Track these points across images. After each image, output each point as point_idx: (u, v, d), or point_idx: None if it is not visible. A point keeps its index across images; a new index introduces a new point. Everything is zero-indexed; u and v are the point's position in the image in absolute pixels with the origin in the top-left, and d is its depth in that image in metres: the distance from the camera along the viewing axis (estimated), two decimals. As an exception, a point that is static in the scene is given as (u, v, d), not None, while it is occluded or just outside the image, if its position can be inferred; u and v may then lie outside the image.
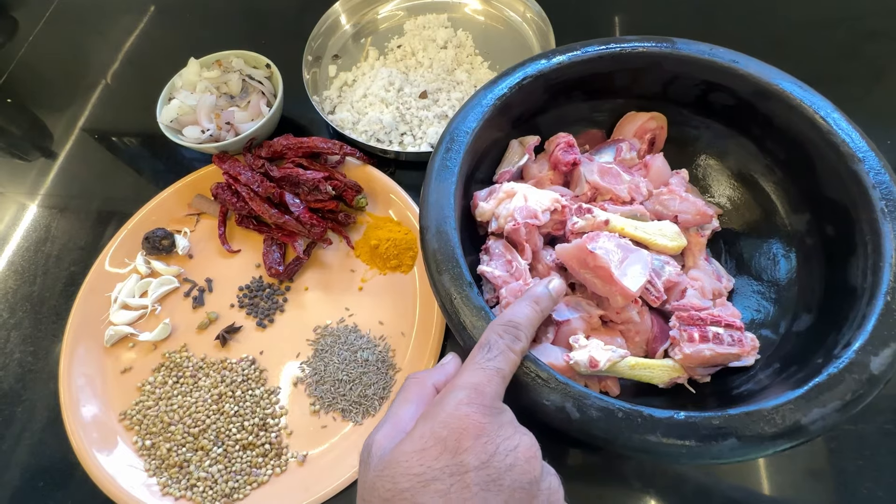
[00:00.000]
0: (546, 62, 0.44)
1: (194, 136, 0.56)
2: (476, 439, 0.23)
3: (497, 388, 0.25)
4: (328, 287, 0.52)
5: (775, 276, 0.43)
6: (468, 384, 0.25)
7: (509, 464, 0.22)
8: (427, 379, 0.29)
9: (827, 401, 0.30)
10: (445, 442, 0.23)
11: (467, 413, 0.23)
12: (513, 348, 0.28)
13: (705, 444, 0.29)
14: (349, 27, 0.68)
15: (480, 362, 0.27)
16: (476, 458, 0.22)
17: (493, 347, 0.27)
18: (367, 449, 0.26)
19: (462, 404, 0.24)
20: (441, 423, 0.23)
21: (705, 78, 0.44)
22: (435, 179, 0.40)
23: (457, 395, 0.24)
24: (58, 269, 0.57)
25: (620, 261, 0.38)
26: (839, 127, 0.38)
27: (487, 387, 0.25)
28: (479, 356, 0.27)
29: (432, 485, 0.22)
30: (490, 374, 0.26)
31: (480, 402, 0.24)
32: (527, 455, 0.23)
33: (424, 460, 0.22)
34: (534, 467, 0.23)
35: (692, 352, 0.36)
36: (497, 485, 0.22)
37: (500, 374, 0.26)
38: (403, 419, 0.26)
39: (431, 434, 0.23)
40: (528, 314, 0.30)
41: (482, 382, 0.25)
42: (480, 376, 0.26)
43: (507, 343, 0.28)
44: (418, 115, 0.58)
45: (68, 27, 0.79)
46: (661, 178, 0.46)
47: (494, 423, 0.23)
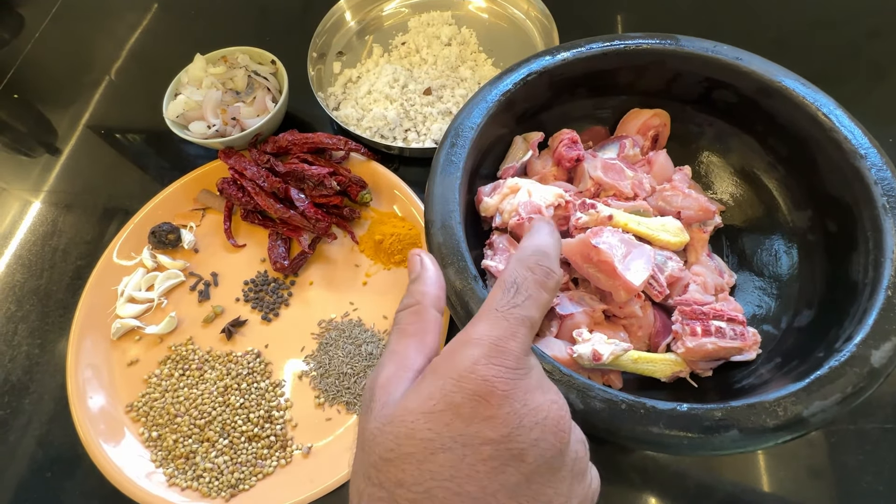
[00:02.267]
0: (550, 59, 0.44)
1: (200, 131, 0.56)
2: (498, 408, 0.19)
3: (523, 342, 0.21)
4: (333, 281, 0.53)
5: (777, 271, 0.43)
6: (487, 338, 0.20)
7: (534, 438, 0.19)
8: (425, 300, 0.25)
9: (828, 393, 0.30)
10: (459, 408, 0.19)
11: (486, 376, 0.19)
12: (546, 284, 0.22)
13: (707, 435, 0.29)
14: (354, 24, 0.68)
15: (503, 308, 0.21)
16: (495, 431, 0.19)
17: (522, 288, 0.22)
18: (369, 391, 0.22)
19: (480, 364, 0.20)
20: (454, 385, 0.19)
21: (708, 75, 0.44)
22: (440, 174, 0.40)
23: (472, 352, 0.20)
24: (64, 264, 0.57)
25: (624, 256, 0.38)
26: (841, 124, 0.38)
27: (512, 341, 0.20)
28: (502, 298, 0.22)
29: (441, 454, 0.19)
30: (515, 325, 0.21)
31: (502, 363, 0.20)
32: (556, 427, 0.20)
33: (433, 425, 0.19)
34: (561, 439, 0.20)
35: (695, 346, 0.36)
36: (518, 461, 0.19)
37: (527, 324, 0.21)
38: (409, 357, 0.23)
39: (442, 395, 0.19)
40: (552, 242, 0.24)
41: (504, 336, 0.20)
42: (503, 328, 0.21)
43: (539, 278, 0.22)
44: (422, 112, 0.59)
45: (73, 24, 0.79)
46: (664, 174, 0.46)
47: (520, 389, 0.20)
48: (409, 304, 0.25)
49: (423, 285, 0.25)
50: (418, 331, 0.24)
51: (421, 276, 0.26)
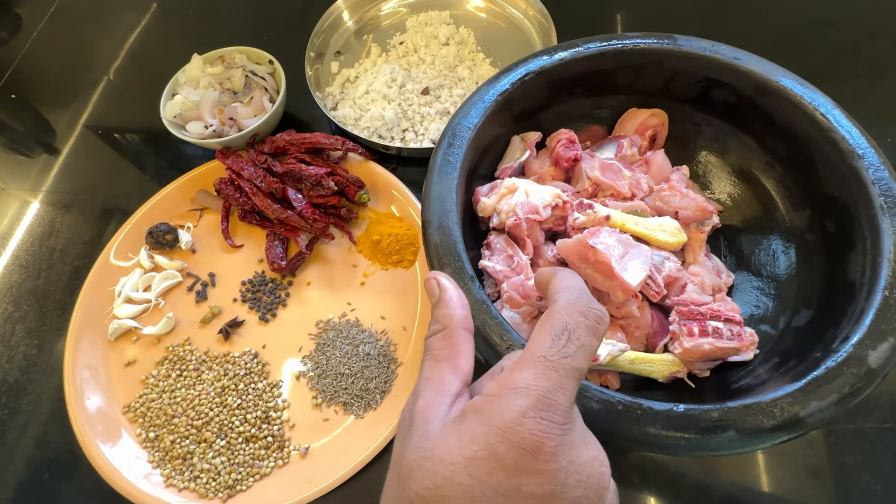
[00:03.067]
0: (548, 58, 0.44)
1: (197, 131, 0.56)
2: (544, 464, 0.18)
3: (571, 395, 0.20)
4: (330, 282, 0.52)
5: (775, 271, 0.43)
6: (536, 390, 0.19)
7: (577, 496, 0.19)
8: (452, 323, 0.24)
9: (825, 394, 0.30)
10: (502, 459, 0.18)
11: (533, 431, 0.18)
12: (598, 331, 0.21)
13: (704, 436, 0.29)
14: (351, 24, 0.68)
15: (553, 357, 0.20)
16: (540, 487, 0.18)
17: (574, 336, 0.20)
18: (408, 417, 0.22)
19: (527, 417, 0.19)
20: (499, 434, 0.19)
21: (707, 75, 0.44)
22: (437, 174, 0.40)
23: (520, 403, 0.19)
24: (62, 264, 0.57)
25: (621, 256, 0.38)
26: (839, 124, 0.38)
27: (560, 394, 0.19)
28: (553, 346, 0.20)
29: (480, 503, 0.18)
30: (564, 377, 0.20)
31: (551, 418, 0.19)
32: (598, 485, 0.19)
33: (475, 471, 0.19)
34: (602, 496, 0.20)
35: (692, 346, 0.36)
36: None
37: (576, 376, 0.20)
38: (444, 381, 0.22)
39: (486, 443, 0.19)
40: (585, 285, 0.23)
41: (554, 389, 0.19)
42: (552, 379, 0.19)
43: (591, 325, 0.21)
44: (420, 112, 0.59)
45: (71, 23, 0.79)
46: (661, 174, 0.46)
47: (566, 445, 0.19)
48: (436, 330, 0.25)
49: (447, 308, 0.25)
50: (450, 355, 0.24)
51: (442, 299, 0.26)
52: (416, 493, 0.19)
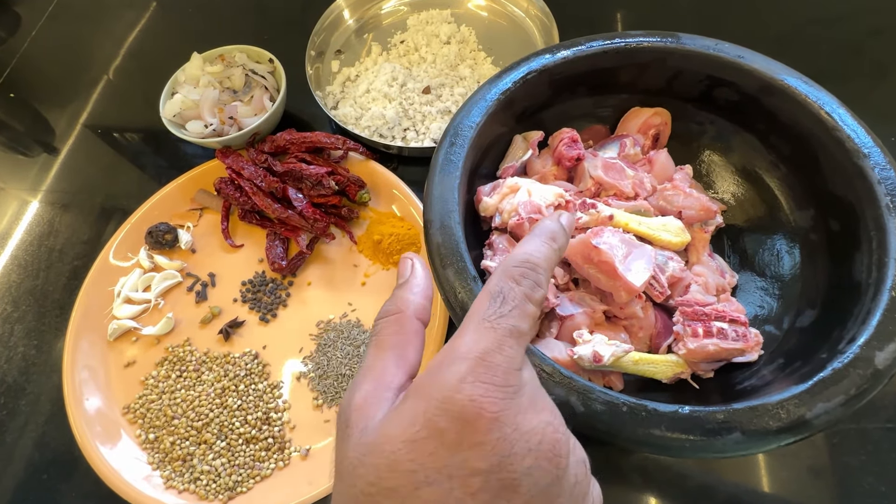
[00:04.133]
0: (550, 57, 0.44)
1: (197, 130, 0.56)
2: (486, 434, 0.17)
3: (512, 355, 0.19)
4: (331, 282, 0.52)
5: (779, 271, 0.43)
6: (473, 352, 0.18)
7: (527, 466, 0.17)
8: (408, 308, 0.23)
9: (831, 395, 0.30)
10: (444, 435, 0.17)
11: (472, 397, 0.17)
12: (532, 297, 0.21)
13: (709, 438, 0.29)
14: (352, 22, 0.68)
15: (490, 318, 0.19)
16: (484, 460, 0.17)
17: (508, 297, 0.20)
18: (344, 416, 0.20)
19: (466, 382, 0.18)
20: (438, 407, 0.18)
21: (710, 73, 0.43)
22: (439, 174, 0.40)
23: (457, 368, 0.18)
24: (61, 264, 0.57)
25: (624, 256, 0.38)
26: (844, 122, 0.38)
27: (499, 355, 0.18)
28: (488, 308, 0.20)
29: (426, 488, 0.17)
30: (502, 336, 0.19)
31: (490, 381, 0.18)
32: (552, 452, 0.18)
33: (416, 455, 0.17)
34: (558, 465, 0.18)
35: (696, 347, 0.36)
36: (511, 492, 0.17)
37: (515, 335, 0.19)
38: (387, 373, 0.21)
39: (425, 420, 0.18)
40: (545, 253, 0.22)
41: (491, 349, 0.18)
42: (490, 339, 0.19)
43: (526, 290, 0.21)
44: (421, 111, 0.58)
45: (71, 22, 0.79)
46: (665, 173, 0.46)
47: (510, 411, 0.18)
48: (390, 312, 0.23)
49: (409, 292, 0.23)
50: (398, 343, 0.22)
51: (409, 282, 0.24)
52: (362, 490, 0.18)
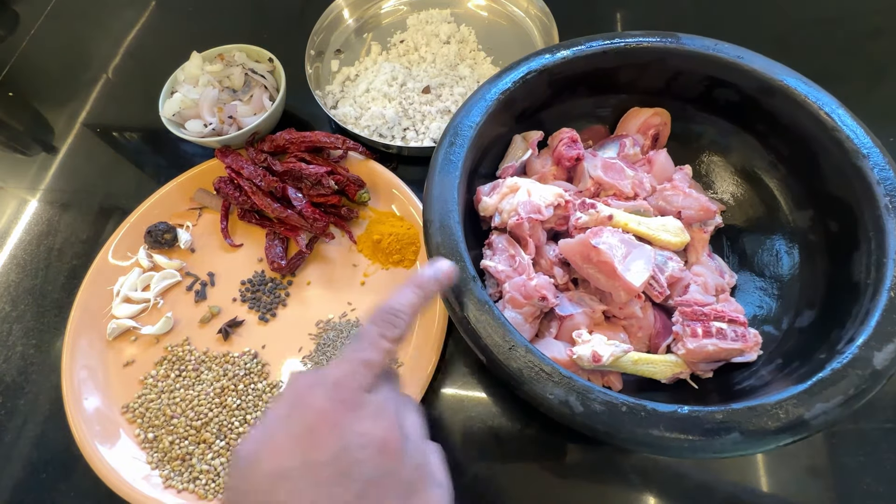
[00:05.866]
0: (550, 57, 0.44)
1: (197, 129, 0.56)
2: (328, 434, 0.22)
3: (361, 381, 0.25)
4: (330, 281, 0.52)
5: (778, 272, 0.43)
6: (330, 378, 0.24)
7: (359, 458, 0.22)
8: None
9: (830, 396, 0.30)
10: (299, 439, 0.22)
11: (322, 408, 0.23)
12: (385, 335, 0.26)
13: (708, 438, 0.29)
14: (352, 21, 0.68)
15: (348, 354, 0.26)
16: (326, 454, 0.22)
17: (364, 338, 0.26)
18: (236, 455, 0.24)
19: (319, 399, 0.23)
20: (297, 421, 0.23)
21: (710, 74, 0.44)
22: (439, 174, 0.40)
23: (317, 392, 0.24)
24: (60, 263, 0.57)
25: (624, 256, 0.38)
26: (844, 123, 0.38)
27: (350, 380, 0.24)
28: (350, 347, 0.26)
29: (285, 484, 0.22)
30: (355, 367, 0.25)
31: (338, 397, 0.23)
32: (381, 448, 0.23)
33: (279, 459, 0.22)
34: (388, 460, 0.23)
35: (695, 347, 0.36)
36: (346, 478, 0.22)
37: (366, 366, 0.25)
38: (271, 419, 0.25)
39: (287, 432, 0.23)
40: (409, 299, 0.28)
41: (344, 376, 0.24)
42: (344, 369, 0.25)
43: (380, 331, 0.27)
44: (421, 111, 0.58)
45: (70, 21, 0.78)
46: (664, 173, 0.46)
47: (350, 417, 0.23)
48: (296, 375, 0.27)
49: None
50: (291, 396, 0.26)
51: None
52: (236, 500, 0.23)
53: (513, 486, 0.43)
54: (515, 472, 0.43)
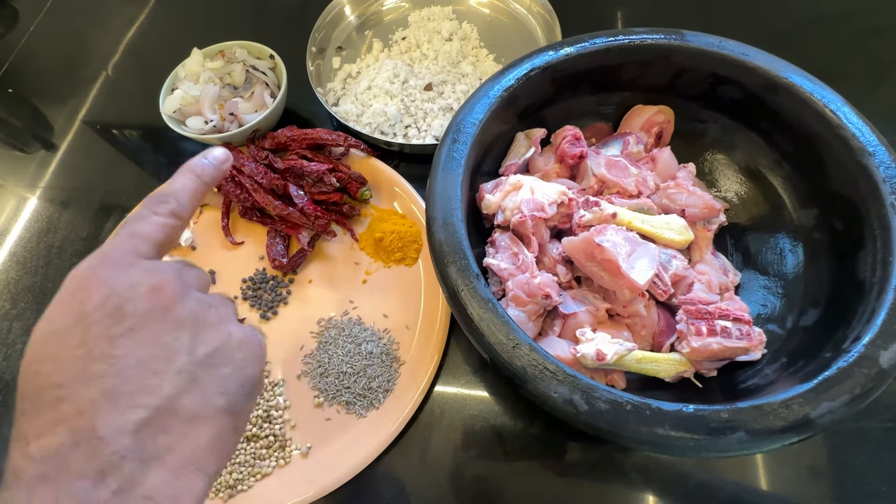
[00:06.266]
0: (554, 53, 0.44)
1: (198, 126, 0.55)
2: (94, 290, 0.22)
3: (128, 246, 0.24)
4: (332, 279, 0.52)
5: (782, 270, 0.42)
6: (99, 251, 0.24)
7: (128, 297, 0.22)
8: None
9: (836, 395, 0.30)
10: (67, 304, 0.22)
11: (86, 273, 0.23)
12: (156, 211, 0.26)
13: (713, 437, 0.29)
14: (353, 18, 0.67)
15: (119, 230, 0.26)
16: (91, 304, 0.22)
17: (135, 216, 0.26)
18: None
19: (91, 265, 0.23)
20: (65, 290, 0.23)
21: (714, 71, 0.43)
22: (441, 171, 0.39)
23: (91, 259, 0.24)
24: (60, 261, 0.57)
25: (628, 254, 0.37)
26: (849, 121, 0.38)
27: (117, 246, 0.24)
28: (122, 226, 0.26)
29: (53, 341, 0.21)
30: (123, 237, 0.25)
31: (103, 261, 0.23)
32: (152, 289, 0.23)
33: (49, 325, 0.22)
34: (160, 298, 0.23)
35: (700, 345, 0.36)
36: (119, 317, 0.22)
37: (133, 236, 0.25)
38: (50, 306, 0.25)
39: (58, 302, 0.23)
40: (182, 183, 0.28)
41: (112, 245, 0.24)
42: (113, 242, 0.25)
43: (150, 208, 0.26)
44: (423, 108, 0.58)
45: (69, 17, 0.78)
46: (668, 171, 0.46)
47: (116, 273, 0.23)
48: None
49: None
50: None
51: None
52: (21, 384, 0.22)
53: (514, 485, 0.43)
54: (517, 470, 0.43)
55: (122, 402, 0.21)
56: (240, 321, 0.27)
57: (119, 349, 0.21)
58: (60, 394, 0.20)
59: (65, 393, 0.20)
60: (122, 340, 0.21)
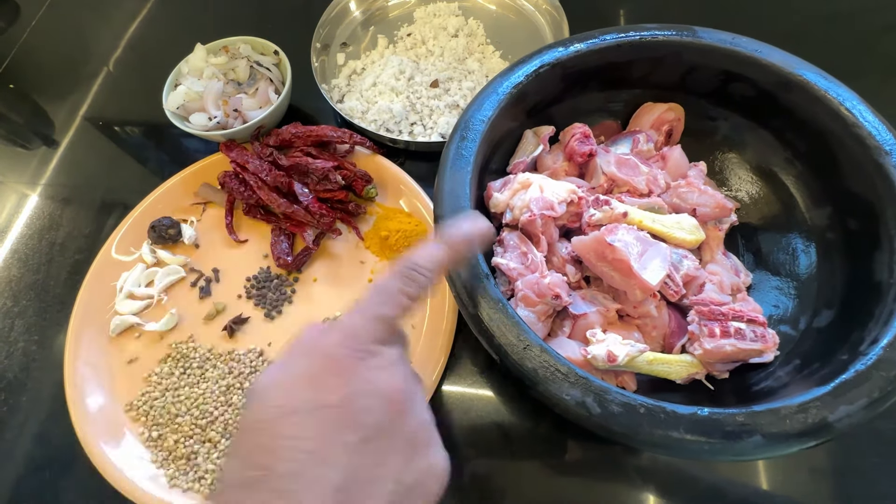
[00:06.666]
0: (563, 50, 0.43)
1: (201, 123, 0.55)
2: (338, 378, 0.23)
3: (375, 333, 0.25)
4: (337, 278, 0.51)
5: (794, 270, 0.42)
6: (346, 327, 0.25)
7: (365, 405, 0.23)
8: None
9: (854, 398, 0.29)
10: (309, 380, 0.23)
11: (334, 353, 0.24)
12: (405, 292, 0.26)
13: (729, 441, 0.28)
14: (358, 14, 0.67)
15: (365, 306, 0.26)
16: (334, 397, 0.22)
17: (383, 291, 0.26)
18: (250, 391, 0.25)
19: (333, 345, 0.24)
20: (308, 363, 0.24)
21: (726, 68, 0.43)
22: (450, 168, 0.39)
23: (332, 337, 0.24)
24: (62, 258, 0.56)
25: (640, 254, 0.37)
26: (865, 119, 0.37)
27: (363, 331, 0.25)
28: (367, 299, 0.26)
29: (292, 416, 0.22)
30: (369, 319, 0.25)
31: (352, 346, 0.24)
32: (389, 398, 0.24)
33: (291, 392, 0.23)
34: (394, 409, 0.24)
35: (713, 347, 0.35)
36: (353, 422, 0.22)
37: (381, 319, 0.25)
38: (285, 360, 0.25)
39: (298, 373, 0.23)
40: (435, 256, 0.28)
41: (359, 326, 0.25)
42: (359, 320, 0.25)
43: (400, 287, 0.26)
44: (429, 105, 0.57)
45: (70, 13, 0.77)
46: (679, 170, 0.45)
47: (360, 365, 0.24)
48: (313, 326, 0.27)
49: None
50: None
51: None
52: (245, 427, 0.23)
53: (521, 485, 0.42)
54: (524, 470, 0.43)
55: None
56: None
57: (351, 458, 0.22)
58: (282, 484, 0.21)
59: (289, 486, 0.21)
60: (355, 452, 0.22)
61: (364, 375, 0.23)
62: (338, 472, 0.21)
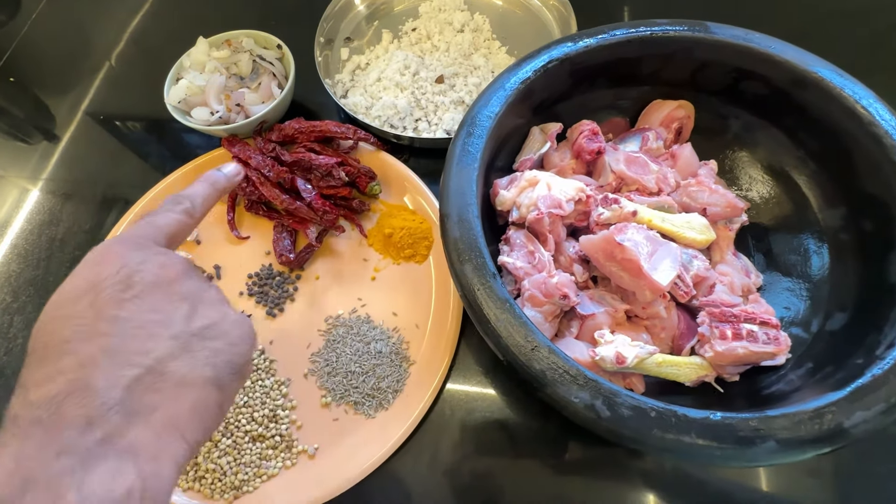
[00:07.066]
0: (572, 45, 0.42)
1: (203, 117, 0.54)
2: (108, 262, 0.25)
3: (145, 232, 0.27)
4: (340, 276, 0.51)
5: (806, 272, 0.41)
6: (117, 235, 0.28)
7: (137, 269, 0.25)
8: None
9: (871, 403, 0.28)
10: (83, 273, 0.24)
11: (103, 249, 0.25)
12: (172, 209, 0.29)
13: (742, 446, 0.28)
14: (363, 8, 0.66)
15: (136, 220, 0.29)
16: (105, 273, 0.24)
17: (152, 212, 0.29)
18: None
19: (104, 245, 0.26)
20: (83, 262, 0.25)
21: (738, 65, 0.42)
22: (456, 165, 0.38)
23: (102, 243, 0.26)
24: (62, 254, 0.55)
25: (650, 254, 0.36)
26: (882, 118, 0.36)
27: (134, 231, 0.27)
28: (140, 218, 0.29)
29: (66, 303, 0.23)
30: (140, 225, 0.28)
31: (120, 241, 0.26)
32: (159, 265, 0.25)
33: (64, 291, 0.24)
34: (166, 273, 0.25)
35: (724, 349, 0.35)
36: (128, 285, 0.24)
37: (150, 224, 0.28)
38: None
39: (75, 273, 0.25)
40: (197, 188, 0.32)
41: (130, 230, 0.27)
42: (131, 228, 0.28)
43: (167, 206, 0.29)
44: (434, 101, 0.57)
45: (72, 6, 0.77)
46: (689, 168, 0.44)
47: (130, 251, 0.25)
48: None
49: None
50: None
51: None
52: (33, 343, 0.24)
53: (526, 486, 0.42)
54: (529, 471, 0.42)
55: (119, 359, 0.22)
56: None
57: (124, 312, 0.23)
58: (65, 348, 0.22)
59: (70, 347, 0.22)
60: (128, 305, 0.23)
61: (135, 256, 0.25)
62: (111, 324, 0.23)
